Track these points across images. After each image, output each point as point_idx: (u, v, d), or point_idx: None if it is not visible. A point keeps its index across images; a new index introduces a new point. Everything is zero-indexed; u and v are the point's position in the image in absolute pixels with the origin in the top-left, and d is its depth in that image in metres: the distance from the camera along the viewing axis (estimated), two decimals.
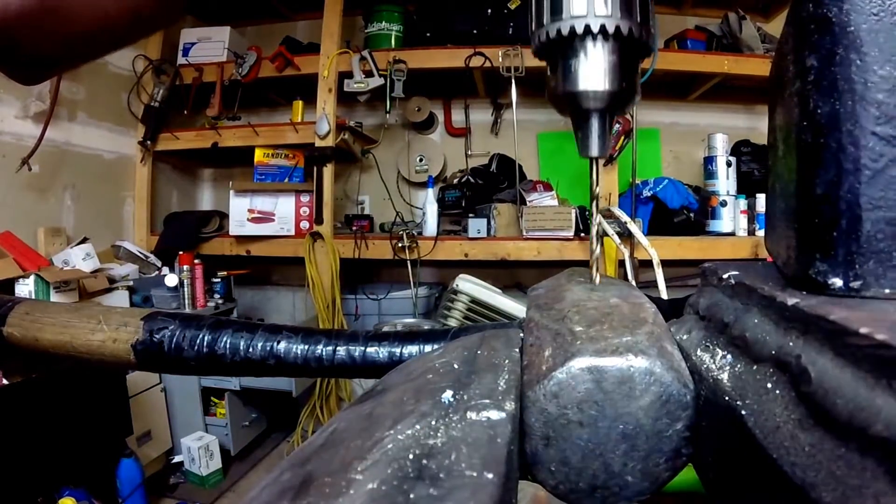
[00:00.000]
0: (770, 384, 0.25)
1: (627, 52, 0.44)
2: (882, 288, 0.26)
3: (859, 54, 0.26)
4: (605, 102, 0.44)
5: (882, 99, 0.26)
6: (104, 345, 0.54)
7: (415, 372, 0.32)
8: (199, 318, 0.54)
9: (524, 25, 2.76)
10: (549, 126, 3.36)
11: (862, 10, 0.26)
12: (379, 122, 3.25)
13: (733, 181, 2.86)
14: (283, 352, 0.51)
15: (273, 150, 2.98)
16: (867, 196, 0.26)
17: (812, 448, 0.21)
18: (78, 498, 1.91)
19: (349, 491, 0.19)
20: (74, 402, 1.95)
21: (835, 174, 0.27)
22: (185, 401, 2.68)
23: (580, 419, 0.29)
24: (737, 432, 0.26)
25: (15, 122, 2.38)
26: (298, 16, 3.60)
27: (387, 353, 0.50)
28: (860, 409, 0.19)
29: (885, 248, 0.26)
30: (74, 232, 2.69)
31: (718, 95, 3.19)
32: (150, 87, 3.01)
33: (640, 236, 1.95)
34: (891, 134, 0.26)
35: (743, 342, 0.29)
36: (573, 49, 0.43)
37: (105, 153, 2.93)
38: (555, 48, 0.44)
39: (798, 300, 0.26)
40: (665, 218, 2.81)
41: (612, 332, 0.31)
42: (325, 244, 2.82)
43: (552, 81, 0.46)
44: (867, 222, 0.26)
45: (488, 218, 2.79)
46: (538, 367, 0.31)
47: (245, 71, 2.94)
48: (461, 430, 0.24)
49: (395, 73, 2.79)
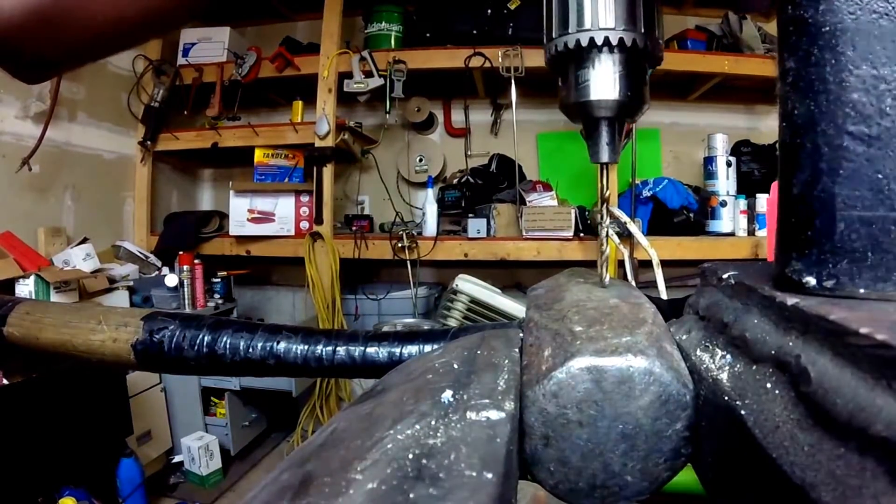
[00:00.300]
0: (769, 384, 0.25)
1: (634, 62, 0.45)
2: (857, 288, 0.26)
3: (835, 54, 0.26)
4: (614, 111, 0.46)
5: (857, 98, 0.26)
6: (104, 345, 0.54)
7: (414, 372, 0.32)
8: (199, 318, 0.54)
9: (524, 26, 2.78)
10: (548, 126, 3.36)
11: (838, 10, 0.26)
12: (379, 123, 3.25)
13: (733, 181, 2.86)
14: (282, 352, 0.51)
15: (273, 150, 2.98)
16: (842, 196, 0.26)
17: (811, 448, 0.21)
18: (78, 498, 1.91)
19: (349, 491, 0.19)
20: (75, 401, 1.95)
21: (810, 174, 0.27)
22: (185, 401, 2.68)
23: (579, 419, 0.29)
24: (736, 432, 0.26)
25: (15, 122, 2.38)
26: (298, 16, 3.60)
27: (386, 353, 0.50)
28: (860, 409, 0.19)
29: (860, 248, 0.26)
30: (74, 232, 2.69)
31: (718, 95, 3.18)
32: (150, 87, 3.01)
33: (640, 236, 1.95)
34: (866, 133, 0.26)
35: (742, 342, 0.29)
36: (581, 61, 0.45)
37: (105, 153, 2.92)
38: (564, 60, 0.46)
39: (798, 300, 0.26)
40: (665, 218, 2.81)
41: (612, 332, 0.31)
42: (324, 244, 2.82)
43: (563, 92, 0.47)
44: (841, 222, 0.26)
45: (488, 218, 2.79)
46: (538, 367, 0.31)
47: (245, 71, 2.94)
48: (461, 429, 0.24)
49: (394, 73, 2.79)
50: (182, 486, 2.60)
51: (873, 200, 0.26)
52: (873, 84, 0.26)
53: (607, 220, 0.51)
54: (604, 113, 0.46)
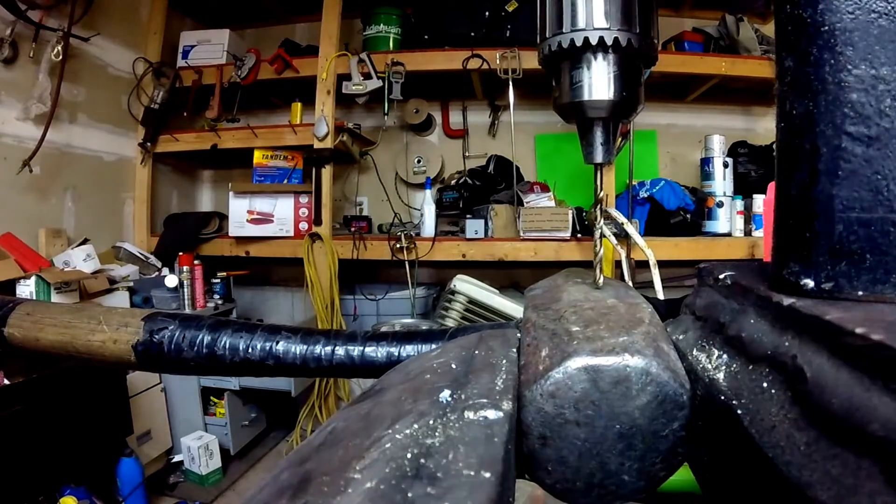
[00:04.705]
0: (766, 384, 0.25)
1: (629, 62, 0.44)
2: (855, 290, 0.26)
3: (833, 54, 0.26)
4: (607, 112, 0.45)
5: (856, 99, 0.26)
6: (105, 345, 0.54)
7: (413, 372, 0.33)
8: (198, 319, 0.54)
9: (521, 28, 2.79)
10: (546, 128, 3.36)
11: (837, 10, 0.26)
12: (377, 124, 3.25)
13: (730, 182, 2.87)
14: (282, 352, 0.51)
15: (272, 151, 2.98)
16: (840, 197, 0.26)
17: (808, 447, 0.21)
18: (79, 497, 1.91)
19: (348, 490, 0.19)
20: (75, 401, 1.95)
21: (808, 175, 0.27)
22: (184, 400, 2.68)
23: (577, 419, 0.29)
24: (733, 432, 0.26)
25: (16, 124, 2.38)
26: (297, 18, 3.60)
27: (385, 353, 0.50)
28: (856, 409, 0.19)
29: (858, 250, 0.26)
30: (75, 233, 2.69)
31: (715, 97, 3.19)
32: (149, 89, 3.02)
33: (637, 237, 1.95)
34: (865, 134, 0.26)
35: (739, 342, 0.29)
36: (575, 61, 0.44)
37: (105, 155, 2.92)
38: (558, 60, 0.45)
39: (794, 301, 0.26)
40: (662, 219, 2.82)
41: (609, 332, 0.31)
42: (323, 245, 2.82)
43: (557, 92, 0.47)
44: (840, 224, 0.26)
45: (486, 219, 2.79)
46: (535, 367, 0.31)
47: (244, 73, 2.94)
48: (459, 429, 0.24)
49: (393, 75, 2.79)
50: (182, 486, 2.60)
51: (872, 202, 0.26)
52: (872, 84, 0.25)
53: (601, 220, 0.51)
54: (598, 113, 0.45)
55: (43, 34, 2.40)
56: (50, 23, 2.42)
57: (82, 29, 2.58)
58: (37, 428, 1.80)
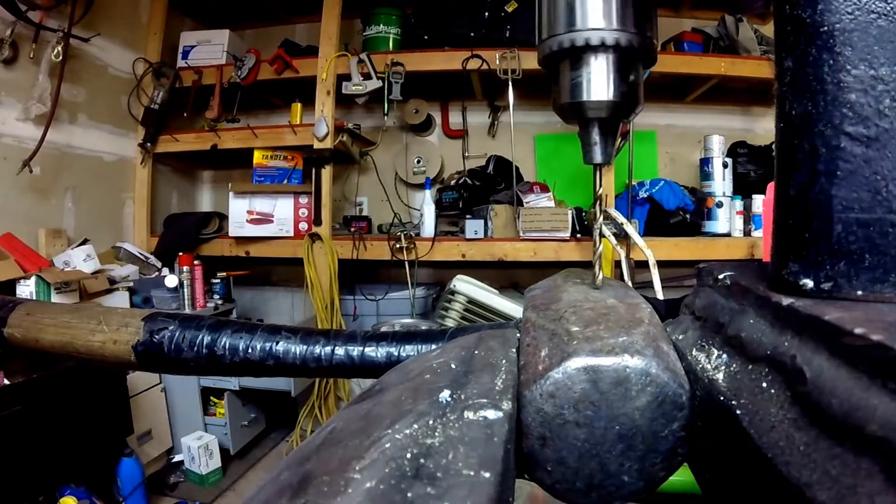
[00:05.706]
0: (765, 384, 0.25)
1: (628, 62, 0.44)
2: (853, 290, 0.26)
3: (832, 54, 0.26)
4: (607, 112, 0.45)
5: (855, 99, 0.26)
6: (105, 345, 0.54)
7: (412, 372, 0.33)
8: (198, 319, 0.54)
9: (521, 28, 2.79)
10: (545, 128, 3.36)
11: (836, 10, 0.26)
12: (377, 125, 3.25)
13: (729, 182, 2.87)
14: (281, 352, 0.51)
15: (272, 151, 2.98)
16: (839, 198, 0.26)
17: (807, 447, 0.21)
18: (79, 497, 1.91)
19: (347, 490, 0.19)
20: (75, 401, 1.95)
21: (807, 175, 0.27)
22: (184, 400, 2.68)
23: (576, 419, 0.29)
24: (732, 432, 0.26)
25: (16, 124, 2.38)
26: (297, 19, 3.61)
27: (385, 354, 0.50)
28: (855, 409, 0.19)
29: (857, 250, 0.26)
30: (75, 233, 2.69)
31: (715, 97, 3.19)
32: (149, 89, 3.02)
33: (637, 237, 1.95)
34: (864, 134, 0.26)
35: (738, 342, 0.29)
36: (575, 61, 0.44)
37: (105, 155, 2.92)
38: (558, 60, 0.45)
39: (793, 300, 0.26)
40: (661, 219, 2.82)
41: (609, 332, 0.31)
42: (323, 245, 2.82)
43: (556, 92, 0.47)
44: (839, 224, 0.26)
45: (485, 219, 2.79)
46: (535, 367, 0.31)
47: (244, 73, 2.94)
48: (458, 429, 0.24)
49: (392, 75, 2.79)
50: (182, 486, 2.60)
51: (871, 202, 0.26)
52: (871, 84, 0.26)
53: (600, 219, 0.51)
54: (597, 113, 0.45)
55: (43, 35, 2.41)
56: (50, 23, 2.43)
57: (82, 29, 2.58)
58: (37, 428, 1.80)
